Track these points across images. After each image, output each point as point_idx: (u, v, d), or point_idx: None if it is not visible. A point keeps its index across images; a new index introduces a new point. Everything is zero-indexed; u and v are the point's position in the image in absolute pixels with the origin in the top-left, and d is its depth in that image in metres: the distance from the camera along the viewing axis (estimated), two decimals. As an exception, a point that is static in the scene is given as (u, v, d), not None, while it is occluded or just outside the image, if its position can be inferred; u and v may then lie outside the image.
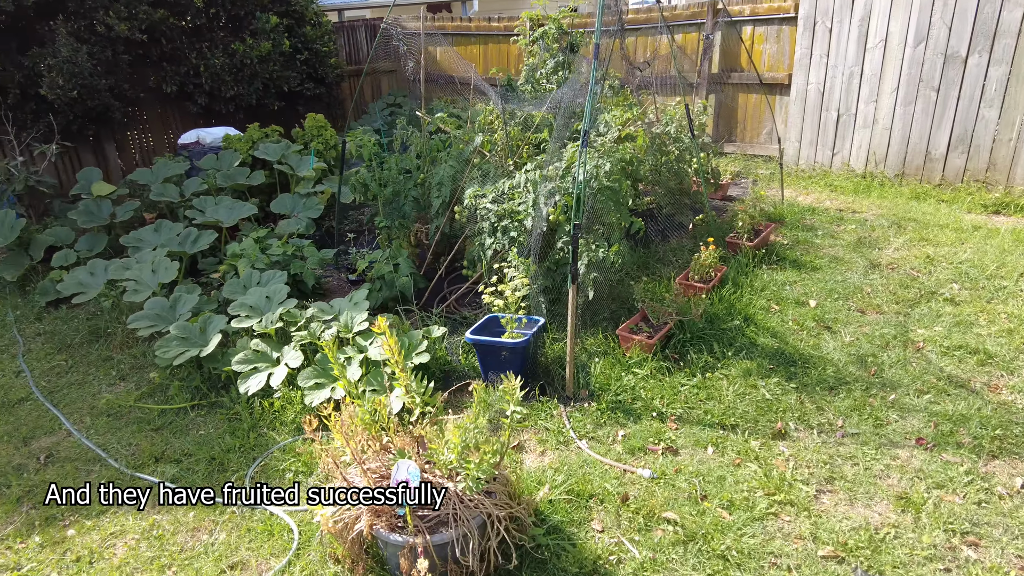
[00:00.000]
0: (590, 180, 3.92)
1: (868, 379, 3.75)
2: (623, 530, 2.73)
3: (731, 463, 3.12)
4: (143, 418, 3.73)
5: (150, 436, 3.56)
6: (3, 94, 6.81)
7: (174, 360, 3.72)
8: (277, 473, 3.16)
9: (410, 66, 5.76)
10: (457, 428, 2.31)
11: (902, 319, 4.44)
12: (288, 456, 3.26)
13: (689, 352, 4.03)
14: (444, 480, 2.35)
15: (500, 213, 4.09)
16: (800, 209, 6.75)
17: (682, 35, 8.99)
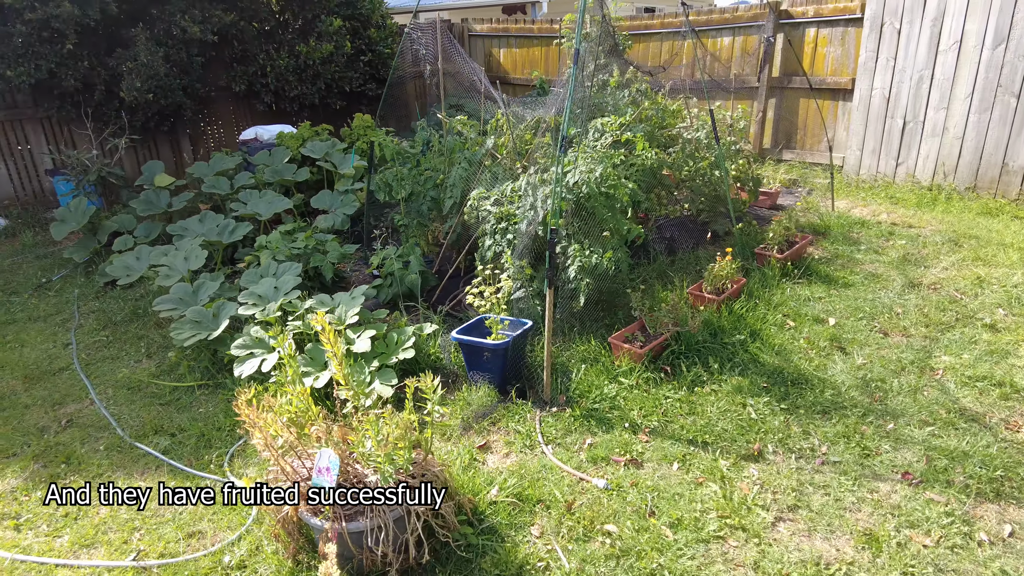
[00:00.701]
0: (581, 185, 3.89)
1: (869, 405, 3.52)
2: (560, 538, 2.71)
3: (693, 481, 3.02)
4: (156, 393, 4.05)
5: (157, 410, 3.86)
6: (90, 92, 7.52)
7: (185, 341, 4.01)
8: (254, 452, 3.36)
9: (427, 71, 5.87)
10: (371, 423, 2.38)
11: (928, 344, 4.12)
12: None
13: (681, 365, 3.92)
14: (368, 471, 2.43)
15: (499, 215, 4.13)
16: (850, 221, 6.38)
17: (743, 38, 8.67)
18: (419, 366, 4.01)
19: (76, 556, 2.77)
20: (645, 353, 3.88)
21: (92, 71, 7.36)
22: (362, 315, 4.17)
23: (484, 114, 5.46)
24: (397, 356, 3.75)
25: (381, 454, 2.31)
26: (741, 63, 8.79)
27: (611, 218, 3.96)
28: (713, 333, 4.24)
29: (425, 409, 2.53)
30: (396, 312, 4.50)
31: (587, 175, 3.83)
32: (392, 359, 3.73)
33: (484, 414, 3.58)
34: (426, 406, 2.52)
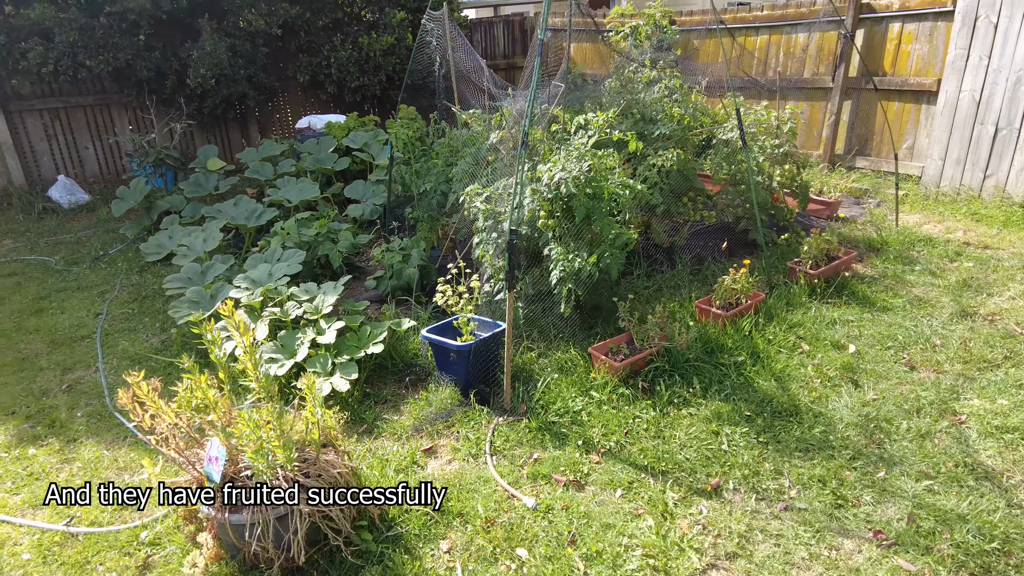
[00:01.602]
0: (560, 185, 3.67)
1: (863, 448, 3.11)
2: (467, 556, 2.57)
3: (631, 512, 2.78)
4: (153, 367, 4.25)
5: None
6: (163, 80, 8.06)
7: (180, 319, 4.18)
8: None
9: (437, 63, 5.78)
10: (249, 419, 2.33)
11: (960, 383, 3.60)
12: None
13: (662, 383, 3.64)
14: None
15: (486, 213, 4.00)
16: (914, 238, 5.72)
17: (820, 34, 8.00)
18: (392, 362, 3.96)
19: (22, 515, 2.94)
20: (622, 367, 3.63)
21: (165, 61, 7.87)
22: (347, 306, 4.18)
23: (476, 108, 5.31)
24: (366, 350, 3.72)
25: (261, 449, 2.27)
26: (816, 61, 8.12)
27: (597, 221, 3.73)
28: (710, 351, 3.91)
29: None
30: (385, 305, 4.47)
31: (566, 174, 3.61)
32: (360, 353, 3.70)
33: (439, 417, 3.48)
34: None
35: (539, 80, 3.15)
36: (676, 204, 5.57)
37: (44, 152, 8.23)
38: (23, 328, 4.91)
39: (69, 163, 8.42)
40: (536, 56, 3.08)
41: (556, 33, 12.08)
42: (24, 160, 8.09)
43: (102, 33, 7.34)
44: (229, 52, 7.95)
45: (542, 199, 3.75)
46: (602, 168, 3.76)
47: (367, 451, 3.24)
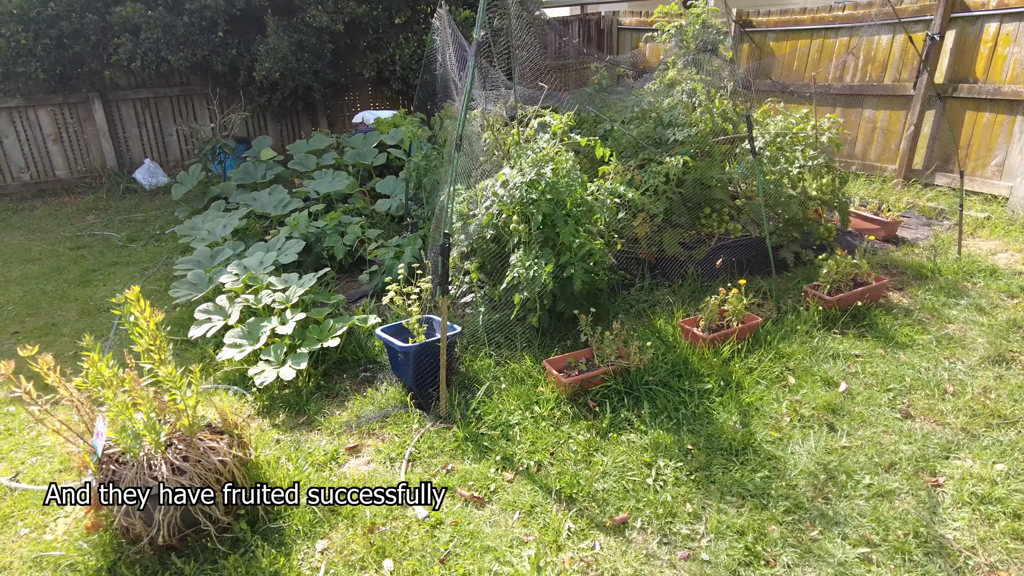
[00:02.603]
0: (517, 188, 3.53)
1: (805, 501, 2.77)
2: (339, 560, 2.54)
3: (519, 538, 2.64)
4: (153, 341, 4.55)
5: (141, 356, 4.35)
6: (236, 74, 8.62)
7: (178, 299, 4.46)
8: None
9: (437, 61, 5.73)
10: (118, 403, 2.42)
11: (958, 439, 3.13)
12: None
13: (609, 404, 3.43)
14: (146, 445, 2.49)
15: (460, 214, 3.95)
16: (975, 268, 5.05)
17: (904, 35, 7.22)
18: (355, 357, 4.01)
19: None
20: (570, 383, 3.45)
21: (238, 56, 8.41)
22: (321, 297, 4.27)
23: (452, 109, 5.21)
24: (323, 343, 3.78)
25: (125, 429, 2.36)
26: (899, 66, 7.34)
27: (561, 228, 3.56)
28: (678, 375, 3.65)
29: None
30: (365, 300, 4.53)
31: (522, 178, 3.48)
32: (317, 345, 3.77)
33: (376, 416, 3.47)
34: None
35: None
36: (696, 215, 5.24)
37: (134, 137, 9.06)
38: (66, 296, 5.42)
39: (155, 148, 9.21)
40: (471, 56, 2.97)
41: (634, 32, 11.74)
42: (117, 144, 8.95)
43: (183, 31, 7.96)
44: (294, 47, 8.36)
45: (502, 203, 3.64)
46: (566, 173, 3.59)
47: (294, 443, 3.30)
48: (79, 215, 7.85)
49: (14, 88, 8.04)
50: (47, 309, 5.17)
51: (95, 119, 8.68)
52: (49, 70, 7.82)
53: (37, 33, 7.55)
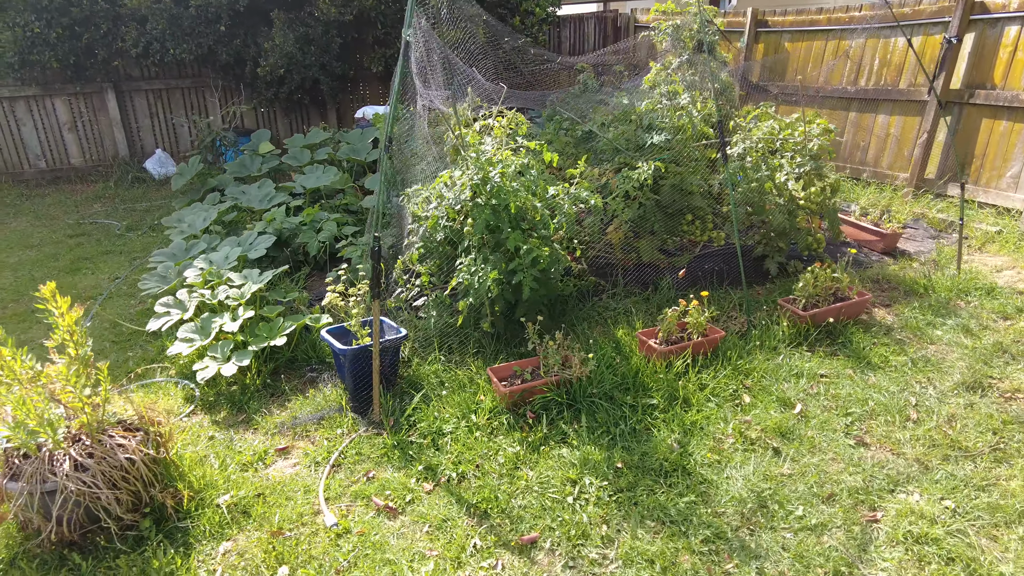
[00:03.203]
0: (461, 190, 3.44)
1: (728, 531, 2.64)
2: (237, 563, 2.51)
3: (422, 552, 2.57)
4: (123, 331, 4.60)
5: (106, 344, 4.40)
6: (242, 66, 8.71)
7: (146, 291, 4.51)
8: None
9: (411, 57, 5.62)
10: (15, 397, 2.42)
11: (910, 471, 2.94)
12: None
13: (549, 415, 3.33)
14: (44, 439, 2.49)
15: (415, 215, 3.89)
16: (972, 286, 4.78)
17: (922, 38, 6.89)
18: (306, 357, 3.98)
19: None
20: (509, 393, 3.36)
21: (244, 48, 8.50)
22: (276, 295, 4.26)
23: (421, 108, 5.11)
24: (271, 342, 3.76)
25: (19, 423, 2.36)
26: (915, 70, 7.00)
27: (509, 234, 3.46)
28: (625, 388, 3.52)
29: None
30: (327, 298, 4.50)
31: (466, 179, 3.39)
32: (265, 344, 3.76)
33: (312, 418, 3.44)
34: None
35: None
36: (677, 222, 5.07)
37: (147, 128, 9.24)
38: (53, 283, 5.54)
39: (167, 138, 9.38)
40: (401, 57, 2.90)
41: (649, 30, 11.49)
42: (129, 134, 9.14)
43: (189, 22, 8.07)
44: (301, 41, 8.40)
45: (447, 206, 3.56)
46: (512, 176, 3.49)
47: (227, 441, 3.29)
48: (87, 203, 8.04)
49: (31, 77, 8.27)
50: (32, 296, 5.28)
51: (108, 109, 8.88)
52: (63, 59, 8.02)
53: (49, 21, 7.74)
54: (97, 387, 2.58)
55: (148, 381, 3.84)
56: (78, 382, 2.47)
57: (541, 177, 3.80)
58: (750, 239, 5.31)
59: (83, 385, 2.48)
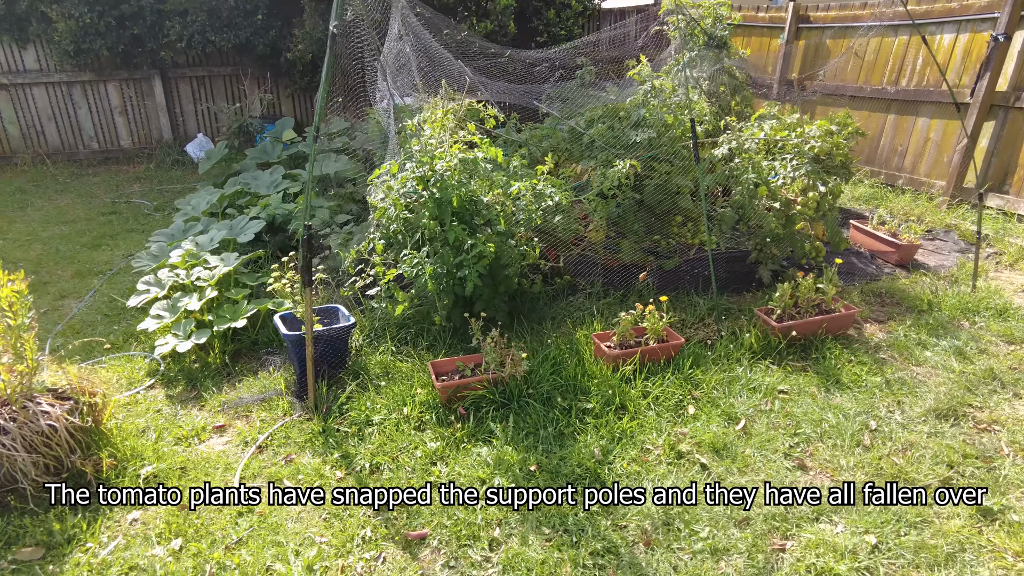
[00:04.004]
0: (401, 185, 3.43)
1: (623, 547, 2.54)
2: (139, 532, 2.61)
3: (312, 538, 2.59)
4: (116, 307, 4.86)
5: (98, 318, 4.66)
6: (278, 54, 8.99)
7: (134, 267, 4.74)
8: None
9: (378, 51, 5.59)
10: None
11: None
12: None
13: (479, 413, 3.30)
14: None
15: (373, 205, 3.92)
16: (982, 306, 4.43)
17: (970, 35, 6.38)
18: (269, 339, 4.09)
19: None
20: (442, 388, 3.35)
21: (279, 38, 8.78)
22: (248, 279, 4.39)
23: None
24: (233, 323, 3.89)
25: None
26: (960, 70, 6.49)
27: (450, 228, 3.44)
28: (566, 390, 3.45)
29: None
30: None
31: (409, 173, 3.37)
32: (224, 325, 3.88)
33: (256, 399, 3.53)
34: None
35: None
36: (666, 223, 4.91)
37: (190, 113, 9.70)
38: (73, 258, 5.91)
39: (208, 123, 9.82)
40: (328, 50, 2.91)
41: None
42: (173, 119, 9.62)
43: (227, 14, 8.40)
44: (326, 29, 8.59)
45: (393, 198, 3.57)
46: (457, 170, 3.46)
47: (172, 416, 3.43)
48: (128, 183, 8.52)
49: (86, 64, 8.82)
50: (50, 268, 5.66)
51: (155, 94, 9.37)
52: (112, 48, 8.51)
53: (101, 13, 8.23)
54: (23, 357, 2.74)
55: (122, 354, 4.04)
56: (5, 352, 2.63)
57: (500, 171, 3.76)
58: (745, 244, 5.08)
59: (15, 354, 2.64)
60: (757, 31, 9.26)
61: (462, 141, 3.67)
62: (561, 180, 4.30)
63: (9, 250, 6.07)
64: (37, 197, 7.86)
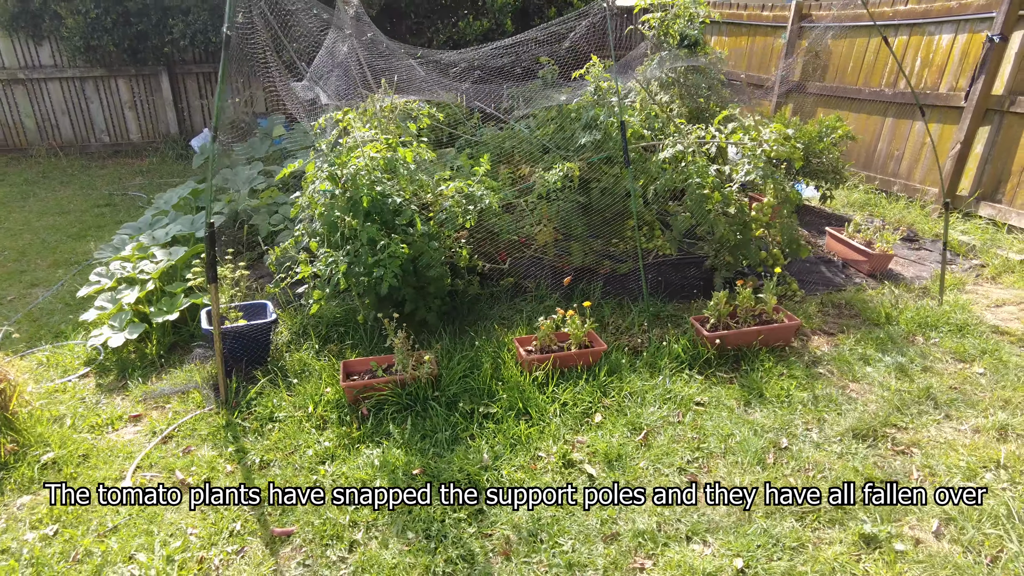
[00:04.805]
0: (313, 181, 3.44)
1: (480, 557, 2.50)
2: (23, 517, 2.70)
3: (183, 529, 2.64)
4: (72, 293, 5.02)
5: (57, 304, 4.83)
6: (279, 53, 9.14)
7: (95, 258, 4.90)
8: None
9: (343, 50, 5.60)
10: None
11: (722, 520, 2.66)
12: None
13: (380, 414, 3.30)
14: None
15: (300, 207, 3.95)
16: (942, 321, 4.24)
17: (968, 35, 6.08)
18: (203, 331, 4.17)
19: None
20: (348, 388, 3.36)
21: (279, 36, 8.92)
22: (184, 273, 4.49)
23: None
24: (167, 316, 3.98)
25: None
26: (958, 72, 6.19)
27: (362, 229, 3.44)
28: (474, 394, 3.42)
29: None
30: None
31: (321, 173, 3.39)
32: (162, 318, 3.98)
33: (176, 391, 3.61)
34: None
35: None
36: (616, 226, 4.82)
37: (196, 108, 9.96)
38: (55, 248, 6.13)
39: (214, 120, 10.06)
40: (223, 50, 2.94)
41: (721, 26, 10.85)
42: (180, 114, 9.89)
43: (228, 11, 8.58)
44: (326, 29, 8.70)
45: (309, 195, 3.59)
46: (368, 169, 3.46)
47: (93, 404, 3.53)
48: (130, 176, 8.80)
49: (97, 60, 9.13)
50: (31, 257, 5.88)
51: (163, 90, 9.65)
52: (119, 44, 8.79)
53: (107, 9, 8.51)
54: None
55: (64, 343, 4.18)
56: None
57: (422, 171, 3.75)
58: (701, 250, 4.96)
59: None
60: (762, 30, 9.01)
61: (382, 142, 3.67)
62: (499, 183, 4.26)
63: (1, 239, 6.33)
64: (42, 188, 8.18)
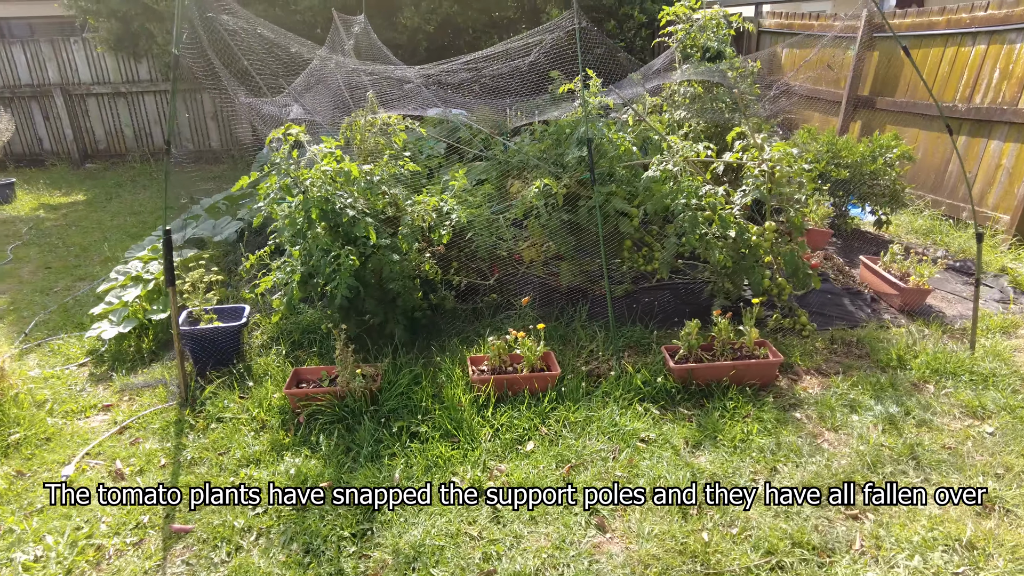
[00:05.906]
0: (268, 193, 3.53)
1: (347, 571, 2.46)
2: (-33, 492, 2.97)
3: (96, 516, 2.78)
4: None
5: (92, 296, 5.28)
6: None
7: (124, 257, 5.32)
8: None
9: (331, 63, 5.63)
10: None
11: (614, 572, 2.47)
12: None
13: (312, 426, 3.34)
14: None
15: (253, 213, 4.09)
16: (962, 368, 3.76)
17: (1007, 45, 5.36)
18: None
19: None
20: (290, 396, 3.43)
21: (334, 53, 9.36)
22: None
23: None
24: (159, 315, 4.26)
25: None
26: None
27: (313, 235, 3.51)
28: (412, 412, 3.39)
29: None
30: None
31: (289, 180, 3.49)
32: (156, 316, 4.26)
33: (149, 385, 3.84)
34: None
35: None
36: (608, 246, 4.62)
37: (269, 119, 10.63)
38: (116, 245, 6.73)
39: (286, 130, 10.71)
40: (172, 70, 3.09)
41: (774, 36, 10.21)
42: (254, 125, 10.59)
43: (294, 31, 9.12)
44: (389, 46, 9.03)
45: (271, 206, 3.70)
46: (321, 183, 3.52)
47: (78, 392, 3.82)
48: (204, 181, 9.53)
49: (184, 76, 9.99)
50: (91, 254, 6.49)
51: (241, 102, 10.38)
52: (202, 61, 9.57)
53: (191, 31, 9.28)
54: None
55: (78, 334, 4.56)
56: None
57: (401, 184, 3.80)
58: (703, 275, 4.66)
59: None
60: (832, 41, 8.37)
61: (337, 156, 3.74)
62: (479, 198, 4.22)
63: (74, 236, 7.05)
64: (127, 191, 9.04)
